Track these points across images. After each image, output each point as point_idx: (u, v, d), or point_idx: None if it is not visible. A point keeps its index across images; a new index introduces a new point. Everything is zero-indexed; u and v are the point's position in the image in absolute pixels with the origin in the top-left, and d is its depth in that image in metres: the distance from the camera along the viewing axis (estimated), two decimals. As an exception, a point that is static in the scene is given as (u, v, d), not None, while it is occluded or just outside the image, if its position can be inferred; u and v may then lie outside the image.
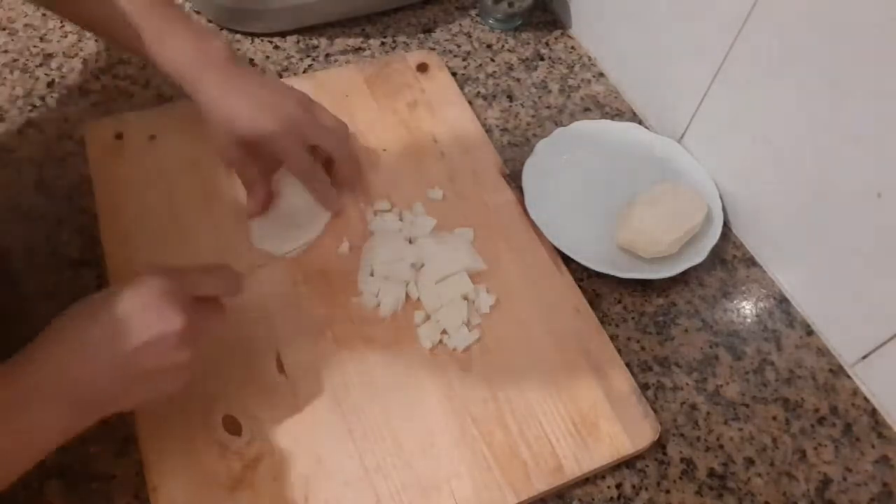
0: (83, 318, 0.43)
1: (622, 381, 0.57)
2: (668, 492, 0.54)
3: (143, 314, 0.42)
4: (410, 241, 0.63)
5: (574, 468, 0.52)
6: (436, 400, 0.55)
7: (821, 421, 0.58)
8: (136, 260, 0.59)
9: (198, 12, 0.81)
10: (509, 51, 0.83)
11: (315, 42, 0.81)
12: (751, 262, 0.67)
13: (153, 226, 0.61)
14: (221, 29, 0.80)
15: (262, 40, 0.80)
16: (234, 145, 0.58)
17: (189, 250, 0.60)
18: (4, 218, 0.62)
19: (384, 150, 0.69)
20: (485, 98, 0.78)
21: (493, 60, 0.81)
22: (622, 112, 0.78)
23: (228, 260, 0.59)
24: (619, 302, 0.64)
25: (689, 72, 0.69)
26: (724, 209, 0.68)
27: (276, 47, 0.80)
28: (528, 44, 0.84)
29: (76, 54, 0.76)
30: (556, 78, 0.80)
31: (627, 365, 0.58)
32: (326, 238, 0.63)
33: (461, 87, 0.77)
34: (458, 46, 0.82)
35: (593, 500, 0.53)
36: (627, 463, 0.55)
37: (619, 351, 0.59)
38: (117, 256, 0.59)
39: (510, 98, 0.78)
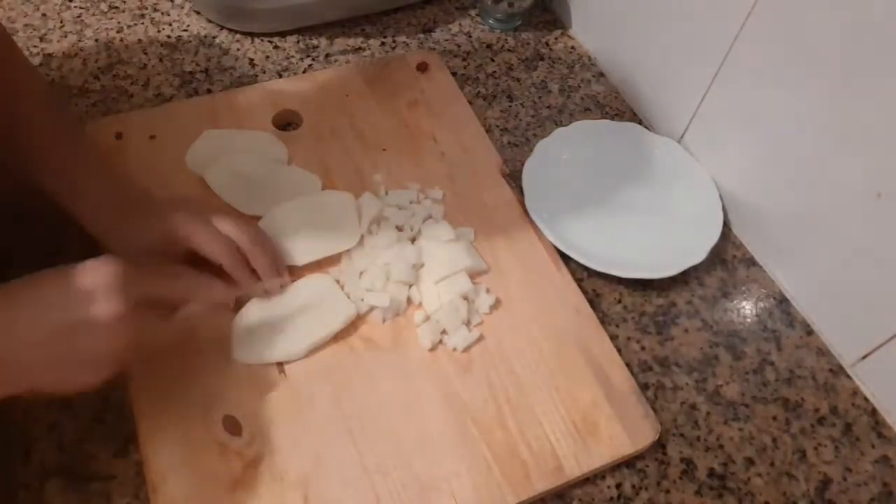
0: (37, 286, 0.43)
1: (622, 381, 0.57)
2: (668, 492, 0.54)
3: (85, 294, 0.42)
4: (413, 241, 0.63)
5: (574, 468, 0.52)
6: (436, 400, 0.55)
7: (821, 421, 0.58)
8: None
9: (198, 12, 0.82)
10: (509, 51, 0.83)
11: (315, 42, 0.81)
12: (751, 262, 0.67)
13: (153, 226, 0.61)
14: (221, 29, 0.80)
15: (262, 40, 0.80)
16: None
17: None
18: (4, 218, 0.62)
19: (384, 150, 0.69)
20: (485, 98, 0.78)
21: (493, 60, 0.82)
22: (622, 112, 0.78)
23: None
24: (619, 302, 0.64)
25: (689, 72, 0.69)
26: (724, 209, 0.68)
27: (276, 47, 0.80)
28: (528, 44, 0.84)
29: (76, 54, 0.76)
30: (556, 78, 0.80)
31: (627, 365, 0.58)
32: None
33: (461, 87, 0.76)
34: (458, 46, 0.82)
35: (593, 500, 0.53)
36: (627, 463, 0.55)
37: (619, 351, 0.59)
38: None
39: (510, 98, 0.78)
